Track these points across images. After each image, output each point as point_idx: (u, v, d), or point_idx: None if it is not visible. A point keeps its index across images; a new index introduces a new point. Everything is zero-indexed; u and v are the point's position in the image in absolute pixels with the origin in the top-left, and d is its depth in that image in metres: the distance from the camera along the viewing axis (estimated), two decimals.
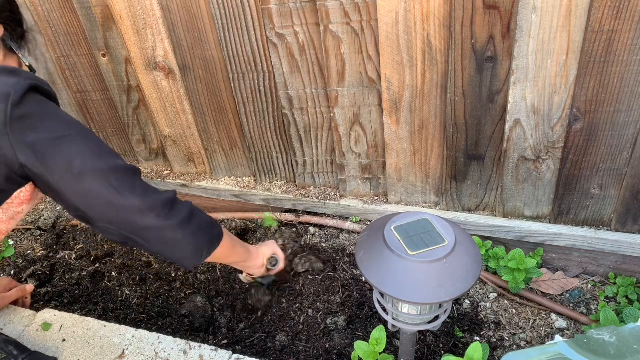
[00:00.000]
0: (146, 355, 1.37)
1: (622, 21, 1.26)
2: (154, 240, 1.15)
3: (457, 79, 1.48)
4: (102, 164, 1.08)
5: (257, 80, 1.73)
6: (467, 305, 1.67)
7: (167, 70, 1.82)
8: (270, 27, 1.57)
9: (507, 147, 1.56)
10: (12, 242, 2.15)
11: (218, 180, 2.10)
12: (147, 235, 1.14)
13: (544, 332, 1.58)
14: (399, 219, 1.16)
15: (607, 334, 1.13)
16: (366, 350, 1.30)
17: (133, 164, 1.18)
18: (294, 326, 1.66)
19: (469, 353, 1.17)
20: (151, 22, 1.71)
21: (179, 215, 1.16)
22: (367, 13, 1.46)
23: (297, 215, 2.00)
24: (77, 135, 1.08)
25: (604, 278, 1.71)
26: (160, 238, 1.15)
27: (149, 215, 1.11)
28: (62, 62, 1.99)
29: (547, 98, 1.44)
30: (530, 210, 1.69)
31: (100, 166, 1.08)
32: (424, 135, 1.64)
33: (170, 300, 1.82)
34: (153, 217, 1.11)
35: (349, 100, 1.66)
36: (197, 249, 1.22)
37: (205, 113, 1.91)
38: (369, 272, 1.09)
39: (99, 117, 2.13)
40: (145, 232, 1.13)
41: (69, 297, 1.86)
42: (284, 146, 1.89)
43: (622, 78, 1.35)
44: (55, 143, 1.04)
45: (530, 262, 1.59)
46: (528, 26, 1.33)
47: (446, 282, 1.04)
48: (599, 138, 1.46)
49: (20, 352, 1.32)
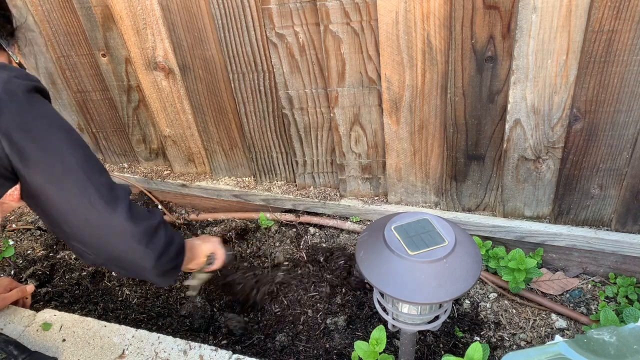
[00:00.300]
0: (146, 355, 1.37)
1: (622, 21, 1.26)
2: (128, 268, 1.13)
3: (457, 79, 1.48)
4: (84, 178, 1.04)
5: (257, 80, 1.73)
6: (467, 305, 1.67)
7: (167, 70, 1.82)
8: (270, 27, 1.57)
9: (507, 147, 1.56)
10: (12, 242, 2.15)
11: (218, 180, 2.10)
12: (122, 263, 1.10)
13: (544, 332, 1.58)
14: (399, 219, 1.16)
15: (607, 334, 1.13)
16: (366, 350, 1.30)
17: (125, 184, 1.13)
18: (294, 326, 1.66)
19: (469, 353, 1.17)
20: (151, 22, 1.71)
21: (159, 243, 1.12)
22: (367, 13, 1.46)
23: (297, 215, 2.00)
24: (66, 144, 1.05)
25: (604, 278, 1.71)
26: (136, 268, 1.12)
27: (126, 242, 1.06)
28: (62, 62, 1.99)
29: (547, 98, 1.44)
30: (530, 210, 1.69)
31: (83, 180, 1.03)
32: (424, 135, 1.64)
33: (170, 300, 1.82)
34: (131, 245, 1.07)
35: (349, 100, 1.66)
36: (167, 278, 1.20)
37: (205, 113, 1.91)
38: (369, 272, 1.09)
39: (99, 117, 2.13)
40: (120, 259, 1.09)
41: (69, 297, 1.86)
42: (284, 146, 1.89)
43: (622, 78, 1.35)
44: (43, 149, 1.01)
45: (530, 262, 1.59)
46: (528, 26, 1.33)
47: (446, 282, 1.04)
48: (599, 138, 1.46)
49: (20, 352, 1.32)
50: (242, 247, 1.99)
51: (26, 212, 2.34)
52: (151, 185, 2.19)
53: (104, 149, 2.24)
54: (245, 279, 1.77)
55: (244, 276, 1.79)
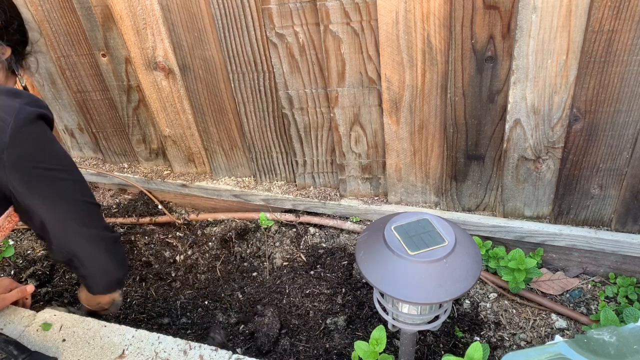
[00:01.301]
0: (146, 355, 1.37)
1: (622, 21, 1.26)
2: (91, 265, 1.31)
3: (457, 79, 1.48)
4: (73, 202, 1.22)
5: (257, 80, 1.73)
6: (467, 305, 1.67)
7: (167, 70, 1.82)
8: (270, 27, 1.57)
9: (507, 147, 1.56)
10: (12, 242, 2.15)
11: (218, 180, 2.10)
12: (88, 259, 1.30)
13: (544, 332, 1.58)
14: (399, 219, 1.16)
15: (607, 334, 1.13)
16: (366, 350, 1.30)
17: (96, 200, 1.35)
18: (294, 326, 1.66)
19: (469, 353, 1.17)
20: (151, 22, 1.71)
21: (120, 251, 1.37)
22: (367, 13, 1.46)
23: (297, 215, 2.00)
24: (66, 174, 1.21)
25: (604, 278, 1.71)
26: (99, 265, 1.32)
27: (100, 245, 1.29)
28: (62, 62, 1.99)
29: (547, 98, 1.44)
30: (530, 210, 1.69)
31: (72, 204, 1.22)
32: (424, 135, 1.64)
33: (170, 300, 1.82)
34: (102, 248, 1.30)
35: (349, 100, 1.66)
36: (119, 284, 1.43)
37: (205, 113, 1.91)
38: (369, 272, 1.09)
39: (99, 117, 2.13)
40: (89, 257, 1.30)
41: (69, 297, 1.86)
42: (284, 146, 1.89)
43: (622, 78, 1.35)
44: (46, 177, 1.16)
45: (530, 262, 1.59)
46: (528, 26, 1.33)
47: (446, 282, 1.04)
48: (599, 138, 1.46)
49: (20, 352, 1.32)
50: (242, 247, 1.99)
51: None
52: (151, 185, 2.19)
53: (104, 149, 2.24)
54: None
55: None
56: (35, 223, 1.21)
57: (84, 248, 1.28)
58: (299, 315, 1.69)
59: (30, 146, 1.11)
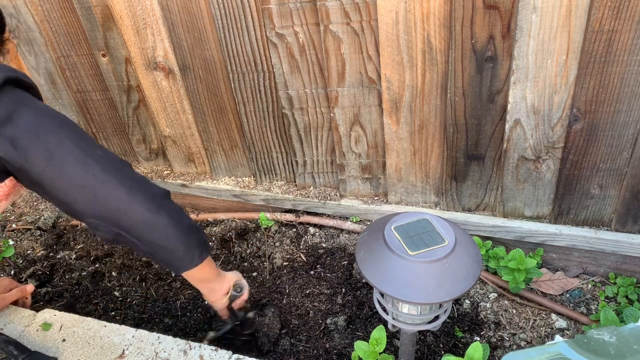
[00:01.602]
0: (146, 355, 1.37)
1: (622, 21, 1.26)
2: (144, 236, 1.11)
3: (457, 79, 1.48)
4: (83, 154, 1.04)
5: (257, 80, 1.73)
6: (467, 305, 1.67)
7: (167, 70, 1.82)
8: (270, 27, 1.57)
9: (507, 147, 1.56)
10: (12, 242, 2.15)
11: (218, 180, 2.10)
12: (136, 231, 1.10)
13: (544, 332, 1.58)
14: (399, 219, 1.16)
15: (607, 334, 1.13)
16: (366, 350, 1.30)
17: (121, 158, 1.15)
18: (294, 326, 1.66)
19: (469, 353, 1.17)
20: (151, 22, 1.71)
21: (168, 210, 1.12)
22: (367, 13, 1.46)
23: (297, 216, 2.00)
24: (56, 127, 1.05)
25: (604, 278, 1.71)
26: (151, 234, 1.11)
27: (136, 207, 1.07)
28: (62, 62, 1.99)
29: (547, 98, 1.44)
30: (530, 210, 1.69)
31: (82, 156, 1.04)
32: (424, 135, 1.64)
33: (170, 300, 1.82)
34: (141, 211, 1.07)
35: (349, 100, 1.66)
36: (189, 249, 1.18)
37: (205, 113, 1.91)
38: (369, 272, 1.09)
39: (99, 117, 2.13)
40: (134, 227, 1.09)
41: (69, 297, 1.86)
42: (284, 146, 1.89)
43: (622, 78, 1.35)
44: (35, 135, 1.01)
45: (530, 262, 1.59)
46: (528, 26, 1.33)
47: (446, 282, 1.04)
48: (599, 138, 1.46)
49: (20, 352, 1.32)
50: (242, 247, 1.99)
51: (26, 212, 2.34)
52: None
53: None
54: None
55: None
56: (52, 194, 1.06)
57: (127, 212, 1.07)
58: (299, 315, 1.69)
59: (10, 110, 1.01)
